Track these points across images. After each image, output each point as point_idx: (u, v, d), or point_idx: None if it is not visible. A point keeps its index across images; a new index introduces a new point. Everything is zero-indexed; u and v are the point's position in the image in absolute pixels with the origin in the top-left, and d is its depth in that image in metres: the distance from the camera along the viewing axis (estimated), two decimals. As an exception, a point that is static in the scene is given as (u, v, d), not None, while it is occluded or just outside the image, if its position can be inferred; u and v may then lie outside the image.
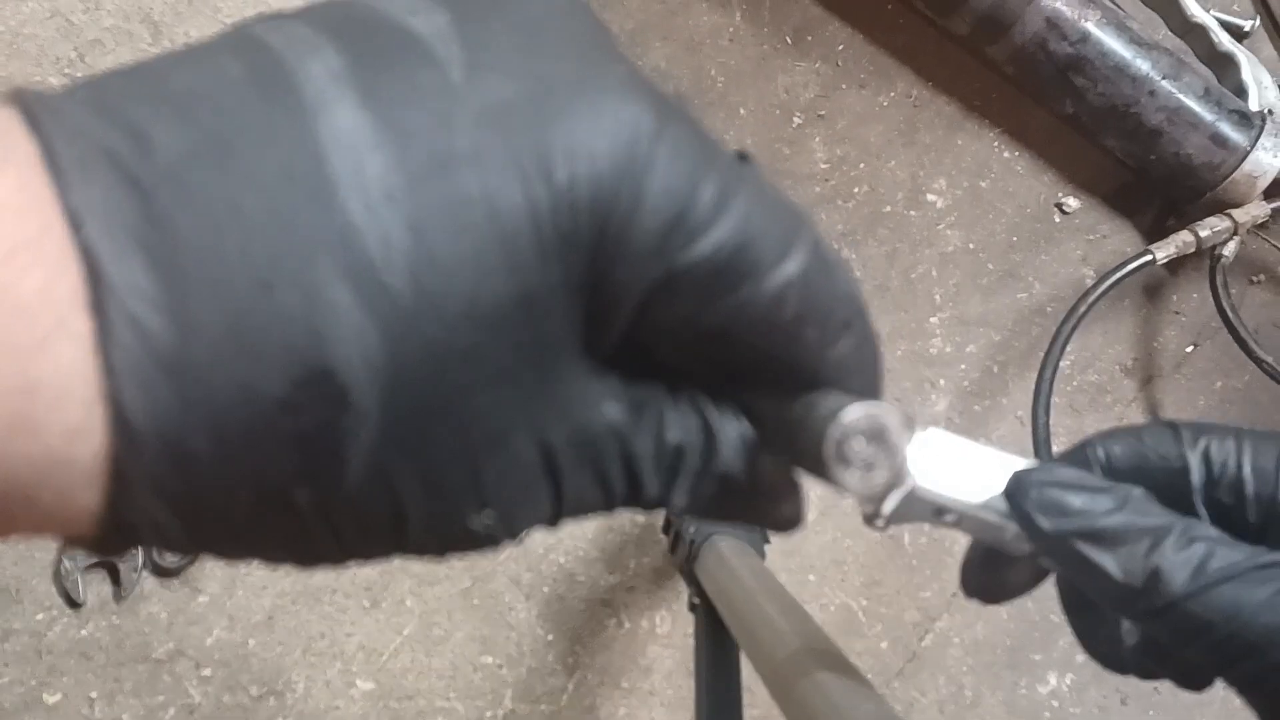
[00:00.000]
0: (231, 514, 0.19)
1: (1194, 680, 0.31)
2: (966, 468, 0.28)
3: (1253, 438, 0.29)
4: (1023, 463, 0.29)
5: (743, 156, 0.22)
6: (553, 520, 0.24)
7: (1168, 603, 0.26)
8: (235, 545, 0.21)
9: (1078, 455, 0.30)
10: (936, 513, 0.28)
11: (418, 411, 0.19)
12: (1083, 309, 0.92)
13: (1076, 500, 0.27)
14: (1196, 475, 0.29)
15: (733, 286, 0.21)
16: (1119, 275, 0.93)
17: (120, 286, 0.17)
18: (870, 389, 0.25)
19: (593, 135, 0.19)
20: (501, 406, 0.20)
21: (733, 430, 0.25)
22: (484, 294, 0.19)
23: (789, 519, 0.28)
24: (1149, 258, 0.94)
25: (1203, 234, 0.94)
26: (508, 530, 0.23)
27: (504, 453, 0.21)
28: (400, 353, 0.19)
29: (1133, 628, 0.31)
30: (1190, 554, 0.26)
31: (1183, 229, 0.96)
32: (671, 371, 0.24)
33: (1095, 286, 0.93)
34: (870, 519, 0.27)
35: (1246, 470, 0.29)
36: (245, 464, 0.19)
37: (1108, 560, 0.27)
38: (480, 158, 0.19)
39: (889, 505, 0.26)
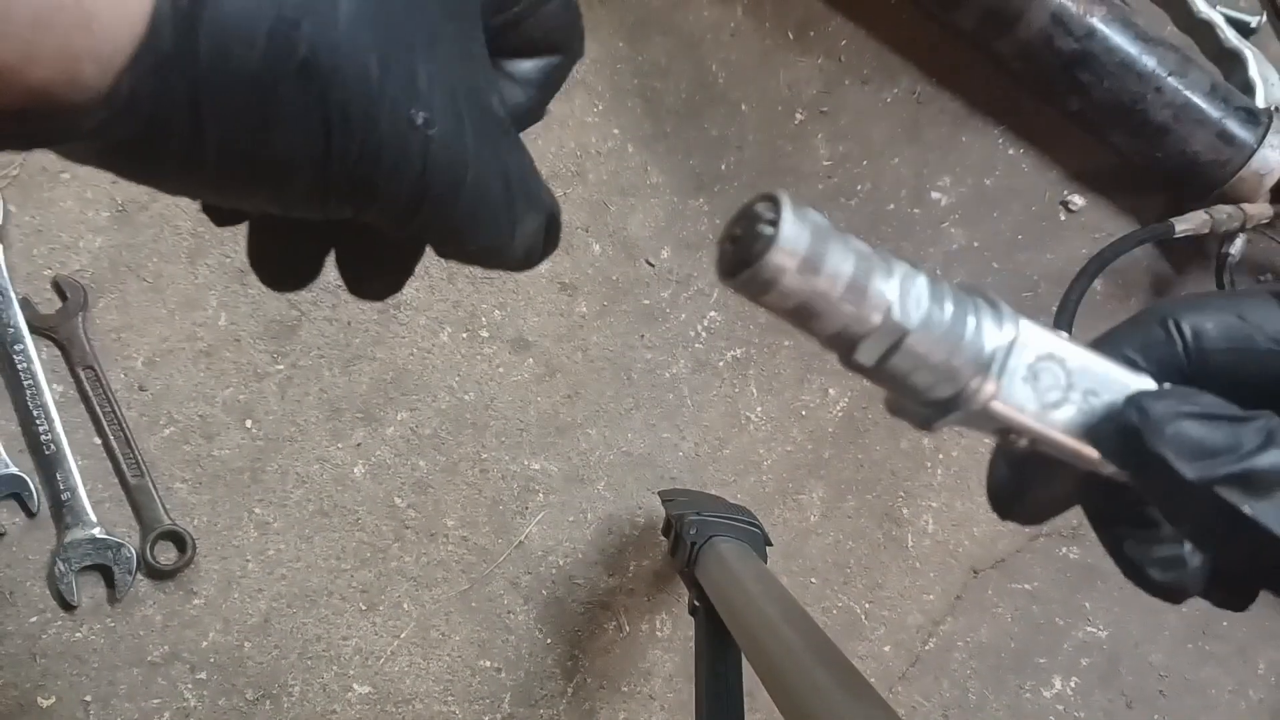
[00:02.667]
0: (255, 44, 0.23)
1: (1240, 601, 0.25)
2: (1048, 374, 0.23)
3: None
4: (1122, 372, 0.23)
5: None
6: (465, 172, 0.27)
7: None
8: (238, 103, 0.24)
9: (1150, 332, 0.25)
10: (1007, 433, 0.24)
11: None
12: (1095, 268, 0.92)
13: (1218, 435, 0.22)
14: None
15: None
16: (1135, 240, 0.93)
17: None
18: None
19: None
20: (438, 23, 0.26)
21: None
22: None
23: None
24: (1167, 228, 0.93)
25: (1218, 216, 0.94)
26: (441, 135, 0.26)
27: (438, 57, 0.26)
28: None
29: (1195, 550, 0.25)
30: None
31: (1201, 209, 0.95)
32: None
33: (1110, 248, 0.93)
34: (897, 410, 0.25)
35: None
36: (241, 63, 0.23)
37: (1267, 514, 0.21)
38: None
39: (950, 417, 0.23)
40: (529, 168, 0.30)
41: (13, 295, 0.80)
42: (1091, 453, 0.24)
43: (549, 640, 0.86)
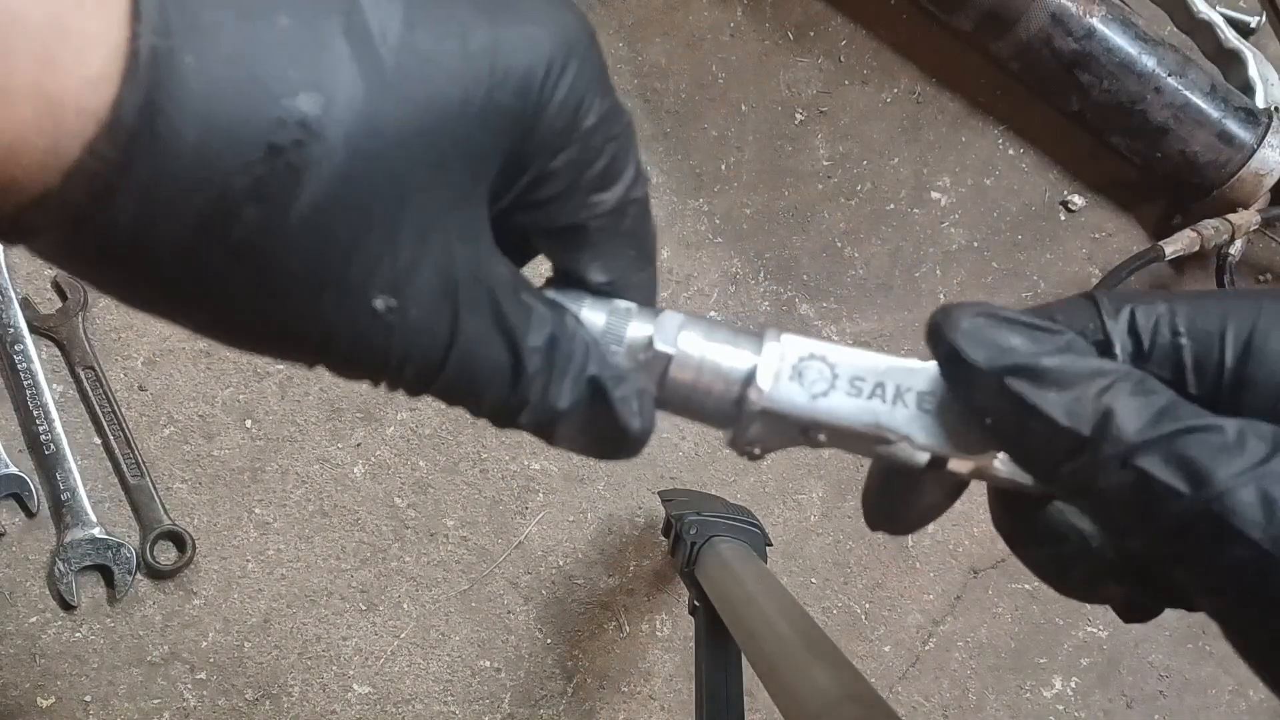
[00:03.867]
0: (182, 220, 0.21)
1: (1149, 602, 0.26)
2: (812, 370, 0.28)
3: (1187, 300, 0.25)
4: (884, 358, 0.27)
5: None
6: (442, 357, 0.25)
7: (1121, 451, 0.22)
8: (165, 268, 0.22)
9: (985, 335, 0.26)
10: (804, 431, 0.28)
11: (370, 168, 0.22)
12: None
13: (1014, 338, 0.24)
14: (1121, 348, 0.25)
15: (595, 189, 0.27)
16: (1128, 270, 0.93)
17: None
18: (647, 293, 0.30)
19: (547, 15, 0.25)
20: (431, 200, 0.24)
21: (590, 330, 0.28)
22: (446, 90, 0.23)
23: (637, 433, 0.29)
24: (1157, 252, 0.93)
25: (1206, 233, 0.94)
26: (403, 334, 0.25)
27: (421, 245, 0.24)
28: (375, 108, 0.22)
29: (1093, 532, 0.26)
30: (1149, 401, 0.22)
31: (1187, 228, 0.95)
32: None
33: (1103, 280, 0.93)
34: (736, 446, 0.29)
35: (1183, 336, 0.25)
36: (218, 160, 0.21)
37: (1051, 402, 0.23)
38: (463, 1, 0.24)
39: (746, 429, 0.28)
40: (550, 332, 0.27)
41: (13, 295, 0.80)
42: (878, 432, 0.27)
43: (549, 640, 0.86)
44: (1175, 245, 0.93)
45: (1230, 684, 0.98)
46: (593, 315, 0.28)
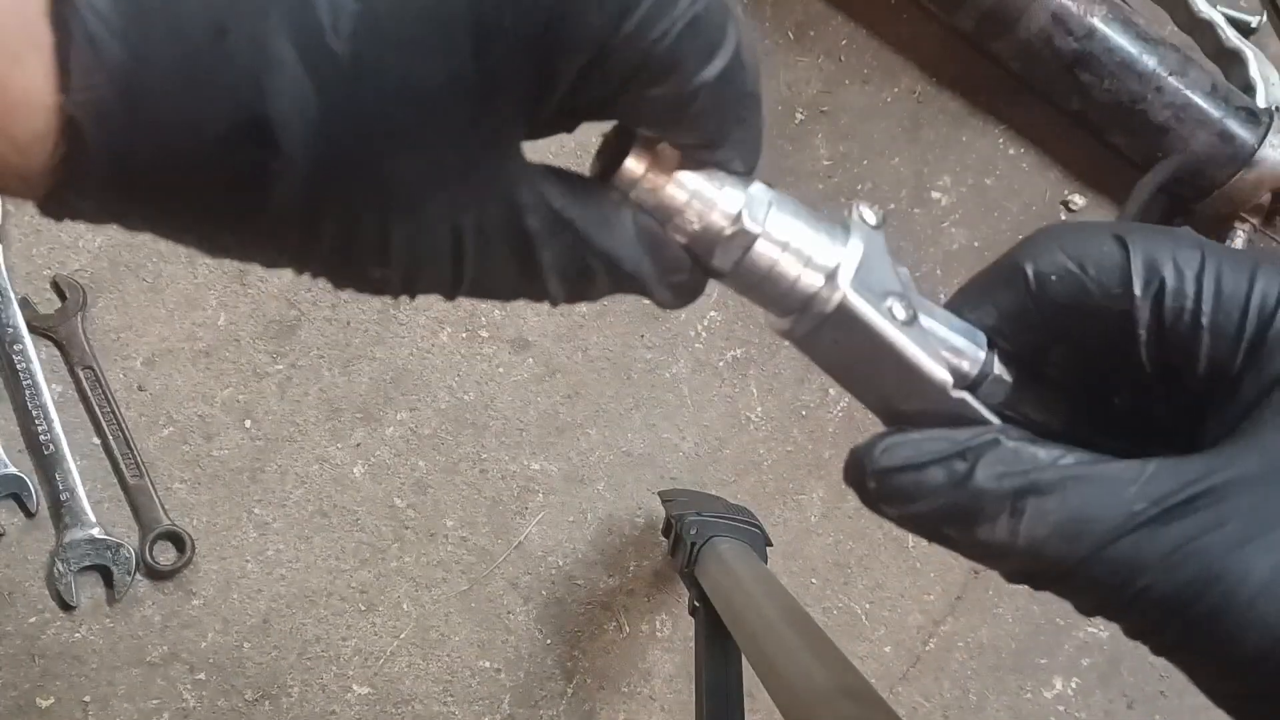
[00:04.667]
0: (164, 205, 0.21)
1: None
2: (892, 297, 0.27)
3: (1215, 262, 0.25)
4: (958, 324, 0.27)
5: None
6: (450, 294, 0.25)
7: (1051, 579, 0.24)
8: (160, 226, 0.23)
9: (1006, 273, 0.27)
10: (860, 349, 0.27)
11: (342, 167, 0.21)
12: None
13: (918, 479, 0.25)
14: (1144, 323, 0.25)
15: (658, 79, 0.23)
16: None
17: (81, 5, 0.19)
18: (749, 152, 0.27)
19: None
20: (420, 178, 0.22)
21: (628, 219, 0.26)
22: (418, 72, 0.21)
23: (686, 288, 0.27)
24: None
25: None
26: (405, 288, 0.24)
27: (415, 220, 0.23)
28: (333, 113, 0.21)
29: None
30: (1061, 516, 0.23)
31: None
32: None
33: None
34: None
35: (1204, 316, 0.25)
36: (181, 184, 0.21)
37: (973, 539, 0.24)
38: None
39: (808, 324, 0.26)
40: (569, 245, 0.25)
41: (12, 295, 0.80)
42: (931, 366, 0.27)
43: (549, 641, 0.85)
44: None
45: (1231, 684, 0.98)
46: (680, 183, 0.26)
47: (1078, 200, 1.02)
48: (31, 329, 0.80)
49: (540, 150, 0.24)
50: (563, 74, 0.22)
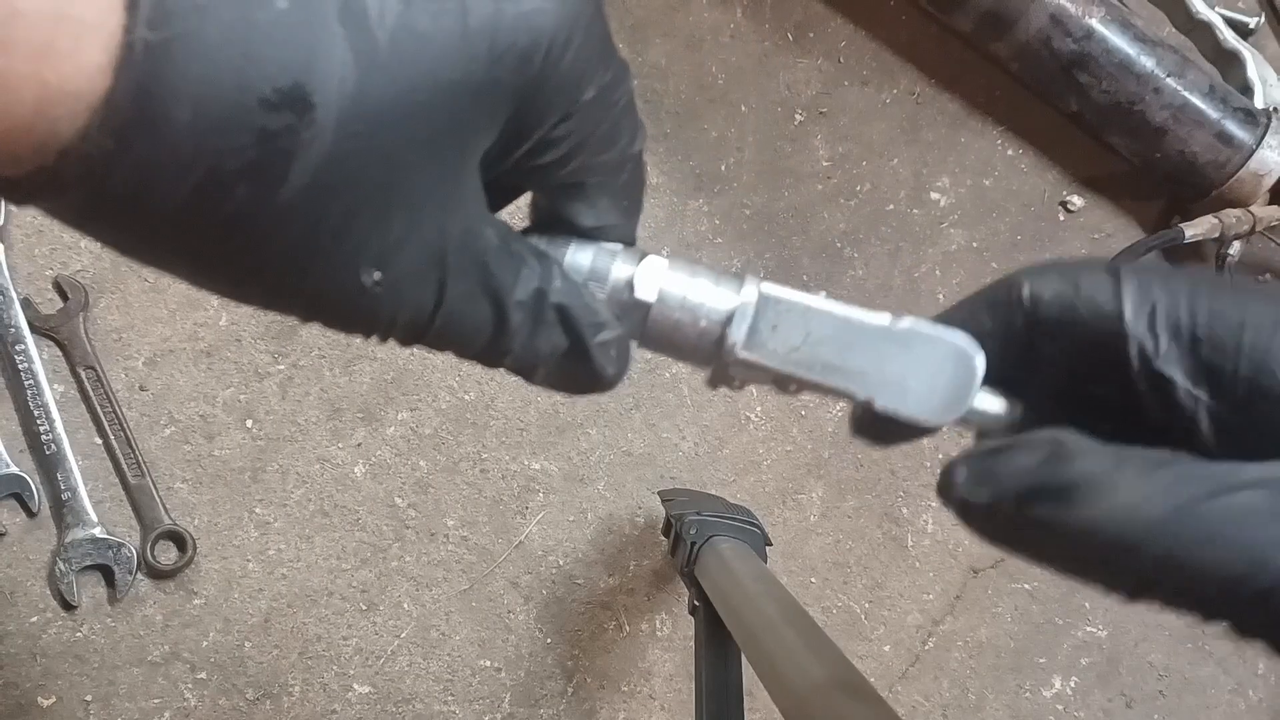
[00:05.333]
0: (176, 191, 0.22)
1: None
2: (788, 325, 0.28)
3: (1208, 295, 0.25)
4: (861, 318, 0.29)
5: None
6: (430, 318, 0.26)
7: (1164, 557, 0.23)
8: (161, 227, 0.23)
9: (1001, 293, 0.28)
10: (776, 381, 0.29)
11: (360, 149, 0.23)
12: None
13: (1016, 462, 0.25)
14: (1135, 346, 0.26)
15: (594, 153, 0.27)
16: (1146, 247, 0.94)
17: None
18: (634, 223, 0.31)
19: None
20: (421, 175, 0.24)
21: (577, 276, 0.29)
22: (441, 70, 0.23)
23: (610, 378, 0.30)
24: (1177, 233, 0.93)
25: (1228, 220, 0.94)
26: (391, 300, 0.25)
27: (410, 217, 0.24)
28: (366, 90, 0.22)
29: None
30: (1168, 482, 0.23)
31: (1210, 214, 0.95)
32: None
33: (1121, 255, 0.93)
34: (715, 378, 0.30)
35: (1203, 345, 0.25)
36: (210, 142, 0.21)
37: (1080, 519, 0.23)
38: None
39: (725, 370, 0.28)
40: (535, 286, 0.28)
41: (14, 295, 0.80)
42: (848, 389, 0.29)
43: (549, 640, 0.86)
44: (1196, 229, 0.93)
45: (1230, 684, 0.98)
46: (578, 256, 0.29)
47: (1076, 201, 1.02)
48: (33, 329, 0.80)
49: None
50: (537, 122, 0.26)
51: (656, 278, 0.29)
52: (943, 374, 0.29)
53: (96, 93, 0.20)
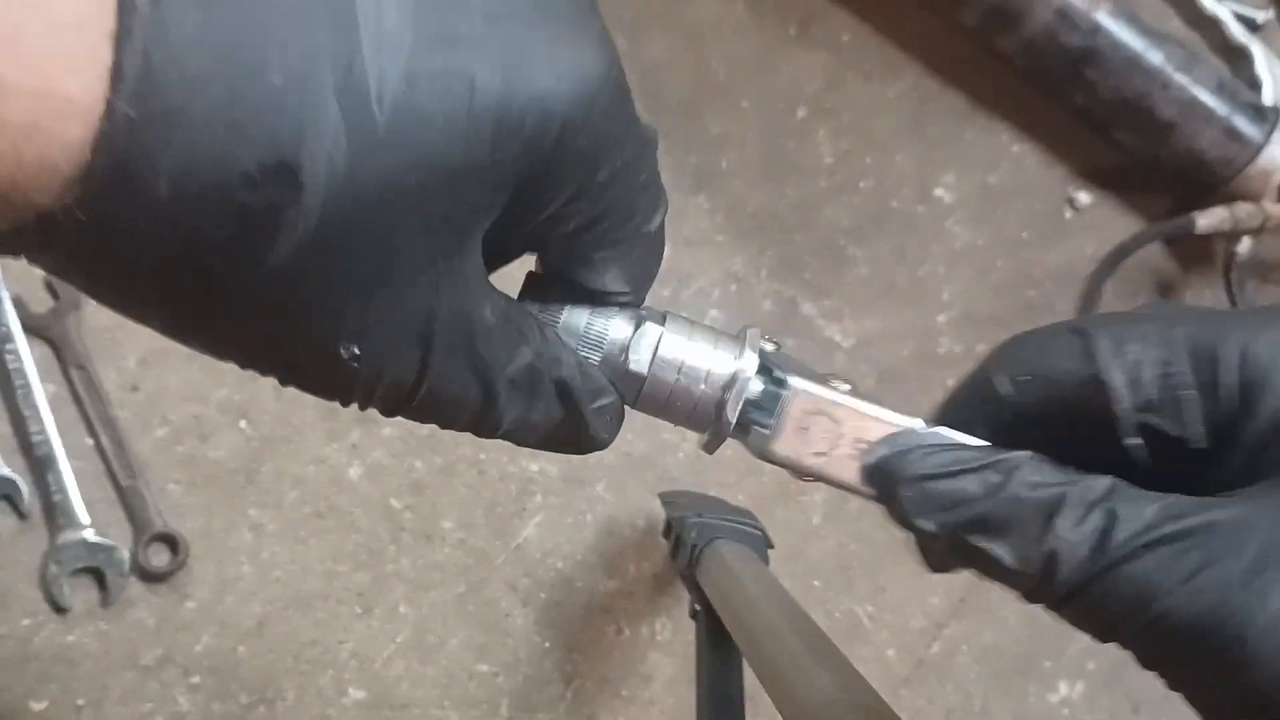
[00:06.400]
0: (151, 259, 0.21)
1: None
2: (818, 427, 0.28)
3: (1185, 333, 0.25)
4: (889, 415, 0.27)
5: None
6: (409, 394, 0.25)
7: (1069, 592, 0.24)
8: (136, 288, 0.23)
9: (979, 387, 0.28)
10: (792, 471, 0.29)
11: (347, 229, 0.22)
12: (1115, 259, 0.93)
13: (952, 486, 0.25)
14: (1121, 399, 0.25)
15: (605, 234, 0.26)
16: (1154, 235, 0.94)
17: (140, 19, 0.19)
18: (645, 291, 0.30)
19: (569, 68, 0.23)
20: (411, 256, 0.23)
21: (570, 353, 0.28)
22: (440, 151, 0.22)
23: (603, 443, 0.30)
24: (1188, 222, 0.92)
25: (1240, 214, 0.93)
26: (369, 374, 0.24)
27: (395, 297, 0.23)
28: (358, 171, 0.21)
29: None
30: (1087, 527, 0.23)
31: (1220, 205, 0.94)
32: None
33: (1131, 241, 0.93)
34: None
35: (1189, 388, 0.24)
36: (189, 218, 0.21)
37: (1000, 549, 0.24)
38: (478, 46, 0.22)
39: (724, 437, 0.29)
40: (529, 362, 0.27)
41: (5, 294, 0.80)
42: (871, 493, 0.28)
43: (547, 644, 0.85)
44: (1208, 219, 0.92)
45: (1238, 688, 0.97)
46: (573, 318, 0.28)
47: (1082, 198, 1.01)
48: (25, 328, 0.79)
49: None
50: (544, 202, 0.25)
51: (651, 348, 0.28)
52: None
53: (75, 167, 0.20)
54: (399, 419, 0.27)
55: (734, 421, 0.28)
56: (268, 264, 0.21)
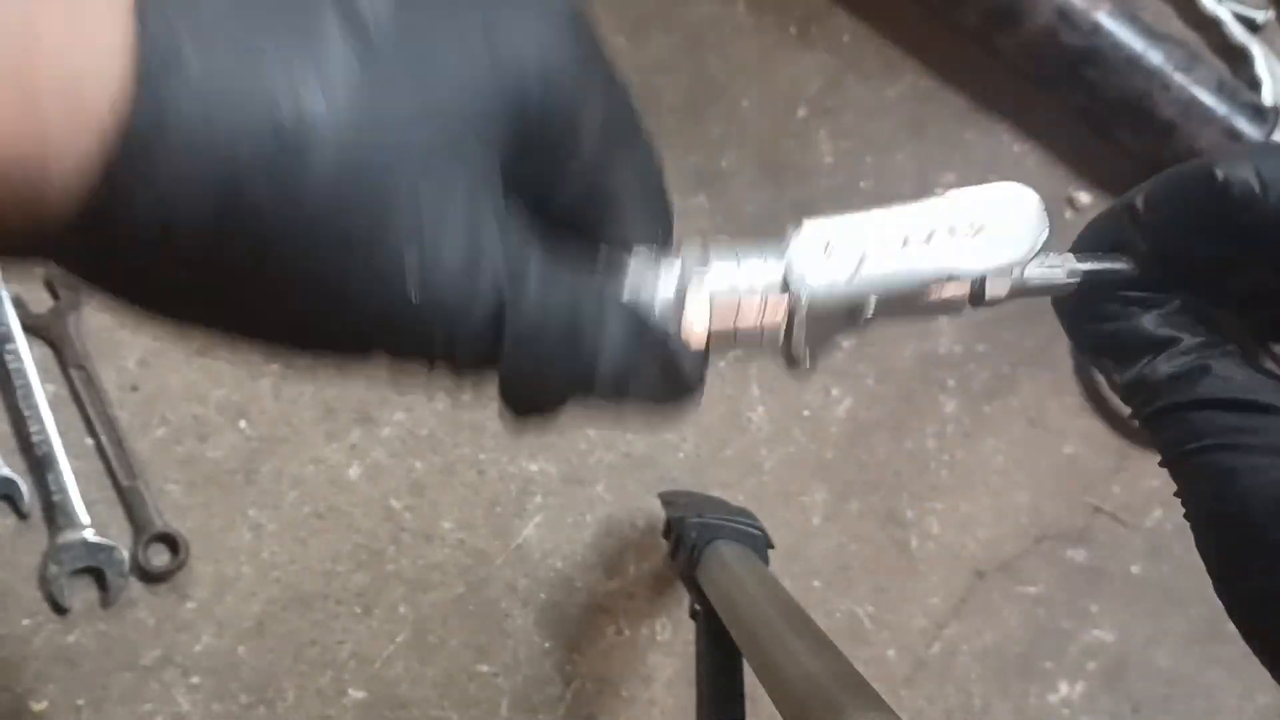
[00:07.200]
0: (201, 212, 0.22)
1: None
2: (839, 249, 0.28)
3: None
4: (906, 209, 0.29)
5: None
6: (493, 327, 0.25)
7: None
8: (183, 256, 0.23)
9: (1119, 214, 0.31)
10: (851, 314, 0.29)
11: (378, 144, 0.22)
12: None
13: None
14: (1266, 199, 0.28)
15: (602, 171, 0.28)
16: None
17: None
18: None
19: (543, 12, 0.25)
20: (451, 177, 0.24)
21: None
22: (443, 69, 0.24)
23: (699, 385, 0.29)
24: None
25: None
26: (445, 310, 0.24)
27: (446, 225, 0.23)
28: (375, 85, 0.22)
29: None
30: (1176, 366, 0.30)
31: None
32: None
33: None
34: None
35: None
36: (226, 151, 0.21)
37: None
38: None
39: (797, 336, 0.28)
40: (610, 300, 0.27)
41: (4, 293, 0.80)
42: (926, 281, 0.29)
43: (547, 644, 0.85)
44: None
45: (1238, 688, 0.97)
46: (618, 276, 0.28)
47: (1083, 198, 1.01)
48: (24, 328, 0.79)
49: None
50: (534, 148, 0.26)
51: (700, 276, 0.28)
52: (1009, 216, 0.30)
53: (117, 119, 0.21)
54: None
55: (804, 299, 0.28)
56: (311, 183, 0.22)
